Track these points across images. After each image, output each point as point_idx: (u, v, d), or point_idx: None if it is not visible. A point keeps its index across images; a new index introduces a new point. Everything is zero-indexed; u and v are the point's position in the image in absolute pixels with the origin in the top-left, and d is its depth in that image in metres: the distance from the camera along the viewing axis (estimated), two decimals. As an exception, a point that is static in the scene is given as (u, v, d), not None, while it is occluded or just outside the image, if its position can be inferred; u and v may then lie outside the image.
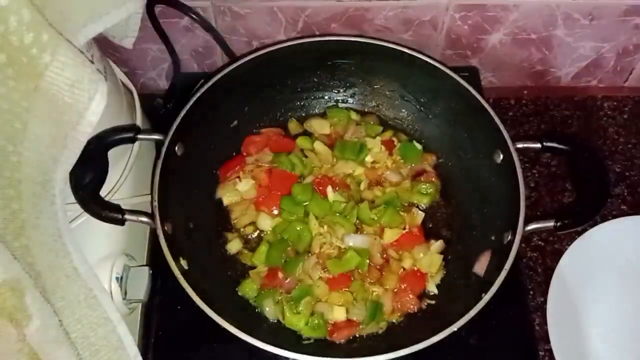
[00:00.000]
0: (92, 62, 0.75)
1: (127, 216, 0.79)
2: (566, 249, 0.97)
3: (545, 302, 0.93)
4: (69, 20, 0.71)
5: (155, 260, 0.90)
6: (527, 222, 0.79)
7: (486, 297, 0.74)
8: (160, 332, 0.85)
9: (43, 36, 0.66)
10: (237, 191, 0.94)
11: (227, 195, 0.94)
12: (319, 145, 0.97)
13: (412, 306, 0.85)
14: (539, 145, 0.84)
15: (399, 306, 0.85)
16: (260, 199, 0.93)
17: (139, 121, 0.93)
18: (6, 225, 0.72)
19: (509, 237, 0.80)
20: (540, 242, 1.02)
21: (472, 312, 0.73)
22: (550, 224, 0.79)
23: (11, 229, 0.73)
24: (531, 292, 0.96)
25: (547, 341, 0.89)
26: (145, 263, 0.92)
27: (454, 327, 0.72)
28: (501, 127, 0.86)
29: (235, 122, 0.98)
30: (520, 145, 0.85)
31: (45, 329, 0.71)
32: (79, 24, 0.72)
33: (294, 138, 0.99)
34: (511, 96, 1.16)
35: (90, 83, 0.70)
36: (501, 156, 0.86)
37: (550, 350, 0.88)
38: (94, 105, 0.71)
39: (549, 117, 1.15)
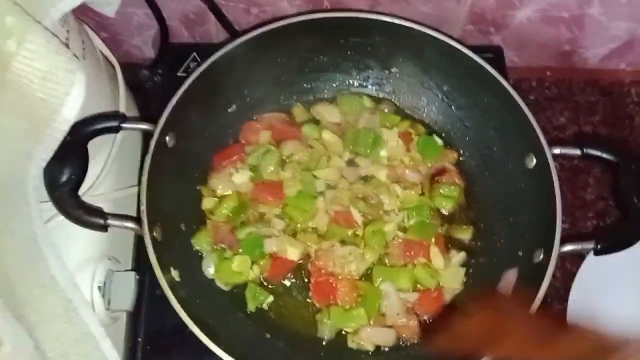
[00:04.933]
0: (67, 44, 0.64)
1: (110, 221, 0.71)
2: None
3: (564, 309, 0.88)
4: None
5: (142, 262, 0.81)
6: (562, 241, 0.71)
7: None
8: (149, 346, 0.77)
9: (6, 19, 0.54)
10: (231, 182, 0.84)
11: (220, 187, 0.84)
12: (327, 135, 0.87)
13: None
14: (578, 152, 0.75)
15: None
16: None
17: (122, 97, 0.83)
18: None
19: (541, 257, 0.72)
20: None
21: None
22: (590, 245, 0.71)
23: (-22, 238, 0.63)
24: (548, 299, 0.88)
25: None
26: (131, 265, 0.83)
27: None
28: (536, 127, 0.76)
29: (234, 107, 0.88)
30: (557, 151, 0.76)
31: (18, 353, 0.64)
32: (52, -4, 0.61)
33: (300, 125, 0.89)
34: (533, 77, 1.07)
35: (65, 74, 0.60)
36: (534, 161, 0.78)
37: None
38: (71, 101, 0.62)
39: (573, 102, 1.06)
